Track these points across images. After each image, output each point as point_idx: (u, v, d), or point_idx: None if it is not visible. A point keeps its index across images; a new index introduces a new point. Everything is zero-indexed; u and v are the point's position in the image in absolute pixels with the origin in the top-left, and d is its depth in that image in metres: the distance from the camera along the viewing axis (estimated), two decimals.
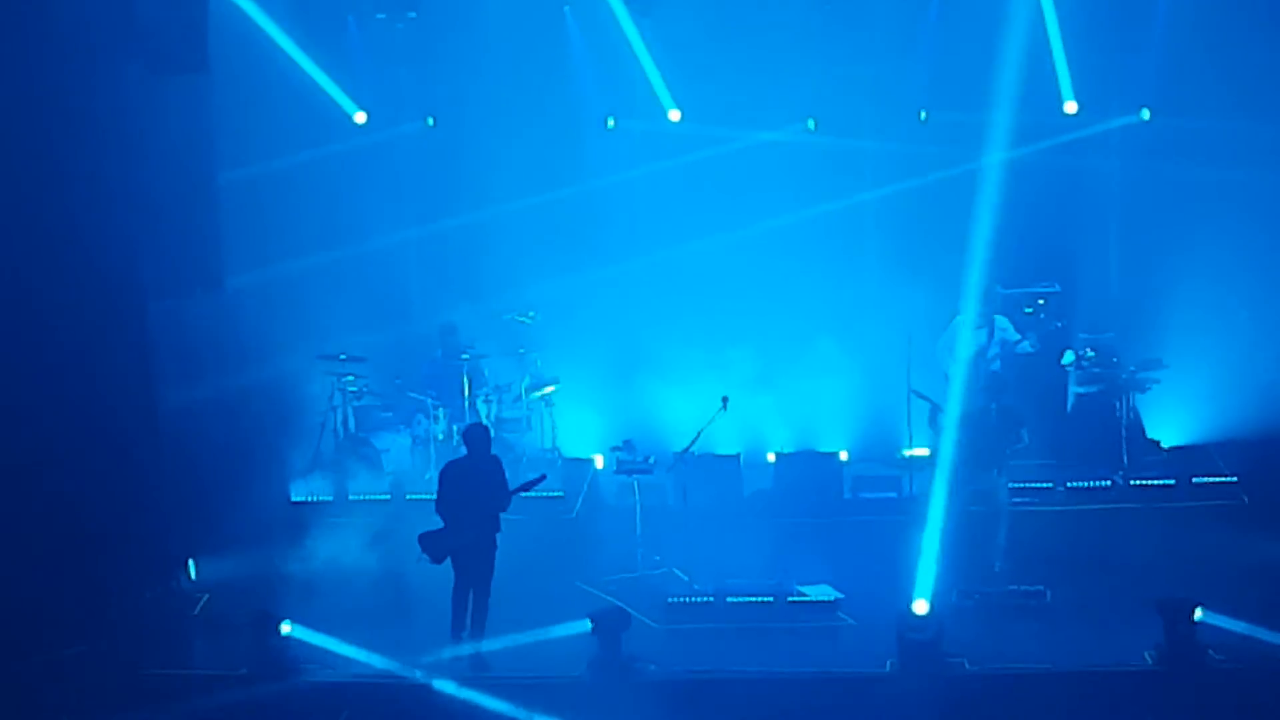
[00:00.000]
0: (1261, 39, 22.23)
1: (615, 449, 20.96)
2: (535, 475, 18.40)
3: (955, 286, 22.30)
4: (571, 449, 23.08)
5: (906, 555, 18.63)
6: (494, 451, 18.14)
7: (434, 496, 17.95)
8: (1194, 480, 21.16)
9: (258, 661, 17.23)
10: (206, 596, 19.34)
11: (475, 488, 17.78)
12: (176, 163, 19.81)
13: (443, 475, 18.00)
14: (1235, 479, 21.15)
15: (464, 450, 18.07)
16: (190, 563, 19.62)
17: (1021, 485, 19.84)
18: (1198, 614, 16.68)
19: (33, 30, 18.09)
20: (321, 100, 23.11)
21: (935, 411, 20.34)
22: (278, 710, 16.80)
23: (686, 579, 19.49)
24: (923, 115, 23.82)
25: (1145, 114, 23.61)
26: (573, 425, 23.27)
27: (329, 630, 17.60)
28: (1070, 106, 23.55)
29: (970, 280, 22.25)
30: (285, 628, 17.26)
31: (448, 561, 17.66)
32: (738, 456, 22.06)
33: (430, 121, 24.27)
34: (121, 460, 18.69)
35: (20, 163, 18.10)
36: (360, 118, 23.58)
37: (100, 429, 18.47)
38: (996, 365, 21.26)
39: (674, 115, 23.95)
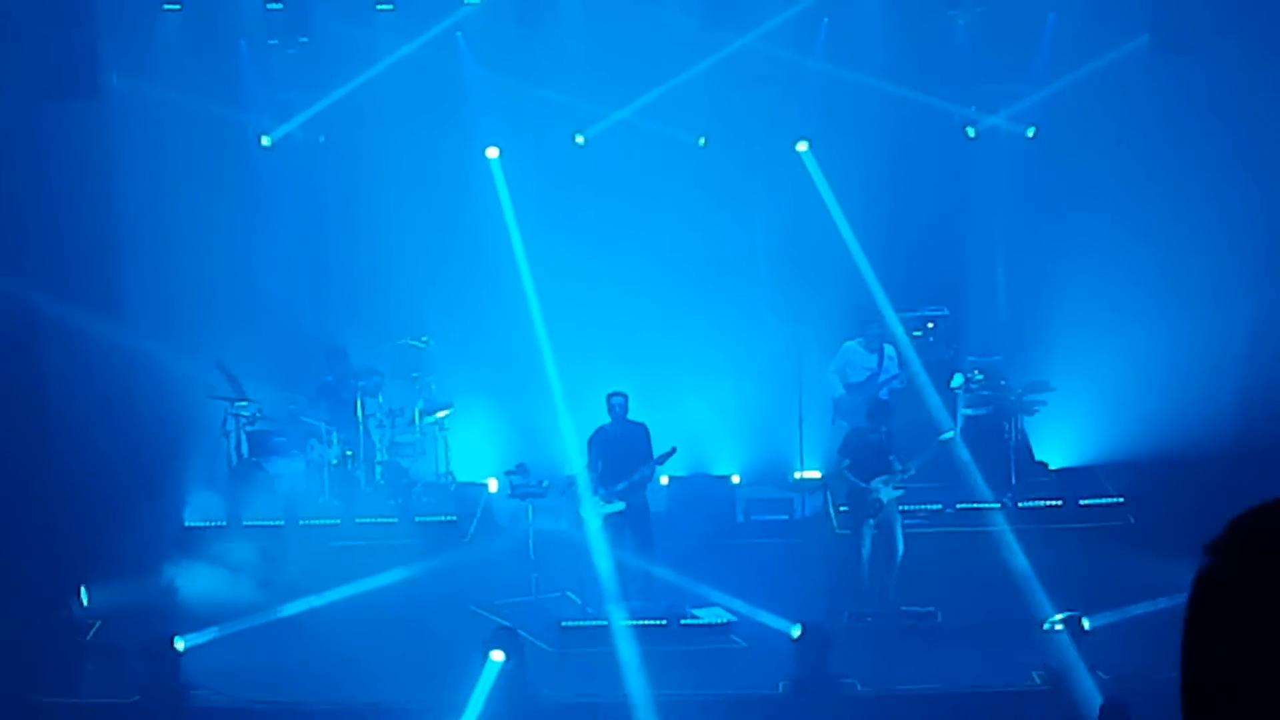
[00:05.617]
0: (1145, 57, 22.48)
1: (509, 473, 21.00)
2: (668, 449, 19.70)
3: (845, 311, 22.48)
4: (465, 473, 23.07)
5: (797, 577, 18.78)
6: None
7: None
8: (1081, 501, 21.42)
9: (150, 688, 17.18)
10: (99, 623, 19.23)
11: (619, 452, 19.52)
12: (71, 187, 19.73)
13: (590, 441, 19.84)
14: (1122, 499, 21.43)
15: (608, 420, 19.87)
16: (82, 589, 19.50)
17: (911, 508, 20.00)
18: (1085, 624, 17.03)
19: None
20: (214, 124, 22.98)
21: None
22: None
23: (580, 602, 19.57)
24: (803, 146, 23.70)
25: (1030, 132, 23.79)
26: (467, 449, 23.25)
27: (222, 655, 17.66)
28: (969, 131, 23.81)
29: (860, 305, 22.46)
30: (179, 645, 17.27)
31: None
32: None
33: (321, 139, 24.14)
34: (11, 485, 18.56)
35: None
36: (266, 141, 23.54)
37: None
38: (884, 393, 21.21)
39: (579, 140, 23.89)
